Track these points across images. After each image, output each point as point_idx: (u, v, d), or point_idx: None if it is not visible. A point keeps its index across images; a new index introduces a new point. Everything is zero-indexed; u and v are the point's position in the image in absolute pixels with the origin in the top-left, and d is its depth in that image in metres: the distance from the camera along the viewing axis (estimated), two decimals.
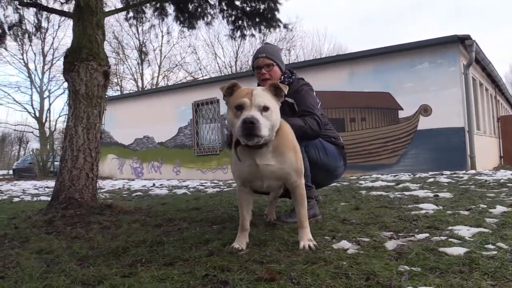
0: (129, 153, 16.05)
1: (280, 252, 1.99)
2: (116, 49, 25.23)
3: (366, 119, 10.77)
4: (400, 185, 5.23)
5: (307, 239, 2.04)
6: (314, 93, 2.94)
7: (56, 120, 29.62)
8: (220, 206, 3.72)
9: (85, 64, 3.36)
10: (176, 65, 27.01)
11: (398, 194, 4.25)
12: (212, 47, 27.80)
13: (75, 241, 2.47)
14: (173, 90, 15.14)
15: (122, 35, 24.41)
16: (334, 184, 6.12)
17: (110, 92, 26.06)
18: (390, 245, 1.99)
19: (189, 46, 29.38)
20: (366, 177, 8.05)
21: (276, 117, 1.94)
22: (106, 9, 3.73)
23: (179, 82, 24.54)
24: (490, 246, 1.88)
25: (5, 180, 15.24)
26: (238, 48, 27.20)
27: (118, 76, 27.79)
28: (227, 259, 1.87)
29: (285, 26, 6.04)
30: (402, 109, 10.28)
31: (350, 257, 1.81)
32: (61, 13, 3.98)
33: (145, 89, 24.83)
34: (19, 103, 28.21)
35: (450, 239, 2.04)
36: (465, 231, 2.18)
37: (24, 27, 5.34)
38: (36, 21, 5.21)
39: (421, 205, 3.25)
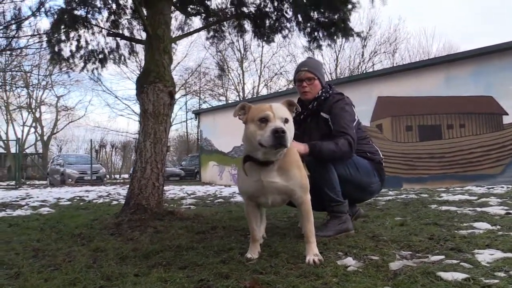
0: (228, 160, 16.93)
1: (286, 264, 2.11)
2: (220, 62, 26.78)
3: (465, 126, 9.98)
4: (481, 200, 4.83)
5: (312, 254, 2.13)
6: (352, 108, 2.96)
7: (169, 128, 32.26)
8: (272, 217, 3.89)
9: (153, 86, 3.81)
10: (276, 74, 27.70)
11: (469, 210, 3.97)
12: (313, 53, 27.88)
13: (128, 243, 2.86)
14: (269, 98, 15.64)
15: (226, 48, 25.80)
16: (407, 196, 5.86)
17: (215, 103, 27.73)
18: (395, 265, 1.97)
19: (287, 55, 29.83)
20: (457, 189, 7.48)
21: (293, 129, 2.08)
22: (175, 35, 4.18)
23: (279, 91, 25.10)
24: (501, 274, 1.77)
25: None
26: (338, 53, 26.91)
27: (223, 87, 29.48)
28: (233, 267, 2.06)
29: (358, 35, 5.97)
30: (507, 114, 9.34)
31: (345, 274, 1.87)
32: (136, 41, 4.54)
33: (246, 98, 25.91)
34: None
35: (462, 263, 1.95)
36: (487, 256, 2.05)
37: (120, 52, 6.18)
38: (130, 47, 6.01)
39: (475, 224, 3.05)
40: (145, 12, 4.09)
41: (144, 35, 4.23)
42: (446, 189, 7.66)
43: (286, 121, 2.03)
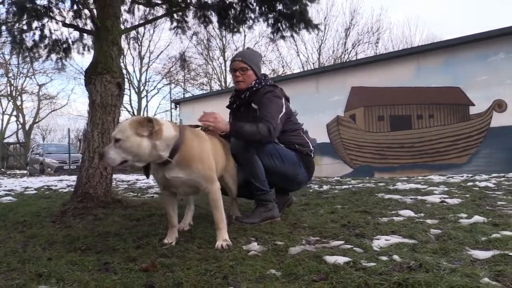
0: None
1: (197, 249, 2.24)
2: (203, 51, 26.69)
3: (434, 116, 10.20)
4: (429, 189, 5.01)
5: (222, 239, 2.26)
6: (282, 100, 3.06)
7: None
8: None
9: (100, 77, 3.88)
10: None
11: (410, 198, 4.14)
12: (295, 43, 27.95)
13: (63, 230, 2.96)
14: None
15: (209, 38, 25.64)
16: (364, 184, 6.03)
17: (198, 92, 27.66)
18: (295, 250, 2.10)
19: (269, 44, 29.79)
20: (419, 178, 7.69)
21: (129, 145, 2.13)
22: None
23: None
24: (383, 258, 1.91)
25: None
26: (321, 44, 26.98)
27: (207, 76, 29.42)
28: (144, 252, 2.19)
29: (316, 27, 6.09)
30: (473, 104, 9.57)
31: (242, 258, 1.99)
32: (88, 32, 4.59)
33: (229, 87, 25.90)
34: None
35: (355, 248, 2.10)
36: (382, 241, 2.20)
37: (84, 42, 6.20)
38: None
39: (401, 212, 3.21)
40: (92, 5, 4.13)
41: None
42: (407, 178, 7.86)
43: (116, 140, 2.15)
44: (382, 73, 11.12)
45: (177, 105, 19.23)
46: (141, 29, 26.95)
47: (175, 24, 6.50)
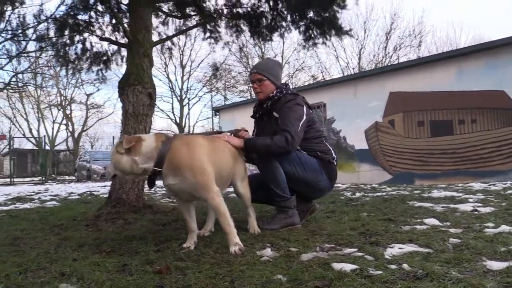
0: None
1: (213, 253, 2.32)
2: (242, 58, 27.04)
3: (477, 121, 9.79)
4: (464, 196, 4.84)
5: (233, 244, 2.32)
6: (303, 108, 3.08)
7: (194, 125, 32.97)
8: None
9: (132, 88, 4.08)
10: (297, 69, 27.72)
11: (441, 206, 4.03)
12: (334, 49, 27.75)
13: (94, 233, 3.14)
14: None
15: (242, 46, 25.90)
16: (399, 192, 5.89)
17: (237, 99, 27.99)
18: (306, 256, 2.13)
19: (309, 50, 29.70)
20: (459, 185, 7.41)
21: (113, 162, 2.41)
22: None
23: (301, 85, 25.06)
24: (392, 266, 1.90)
25: None
26: (361, 48, 26.61)
27: (247, 84, 29.75)
28: (163, 255, 2.29)
29: (347, 33, 6.07)
30: None
31: (254, 263, 2.05)
32: (122, 45, 4.83)
33: None
34: (163, 111, 32.34)
35: (366, 256, 2.10)
36: (396, 250, 2.19)
37: (122, 54, 6.51)
38: None
39: (426, 220, 3.14)
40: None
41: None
42: (447, 185, 7.60)
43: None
44: (421, 77, 10.82)
45: (217, 113, 19.57)
46: (182, 39, 27.76)
47: (208, 34, 6.69)
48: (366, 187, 7.72)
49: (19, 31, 6.03)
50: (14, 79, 16.15)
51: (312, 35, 6.59)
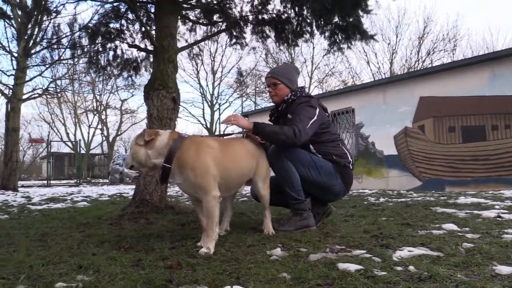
0: None
1: (227, 251, 2.39)
2: (271, 65, 27.16)
3: (511, 126, 9.46)
4: (491, 203, 4.71)
5: (206, 247, 2.37)
6: (315, 109, 3.09)
7: (224, 130, 33.26)
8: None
9: (157, 93, 4.23)
10: (327, 75, 27.59)
11: (464, 213, 3.95)
12: (365, 53, 27.47)
13: (116, 231, 3.27)
14: (323, 98, 15.68)
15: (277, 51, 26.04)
16: (424, 198, 5.77)
17: (267, 104, 28.10)
18: (315, 257, 2.16)
19: (338, 55, 29.51)
20: (490, 192, 7.18)
21: (132, 152, 2.56)
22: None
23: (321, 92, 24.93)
24: (398, 268, 1.92)
25: None
26: (393, 53, 26.20)
27: None
28: (177, 252, 2.38)
29: (372, 37, 6.05)
30: None
31: (262, 262, 2.11)
32: (149, 51, 5.01)
33: None
34: (194, 116, 32.93)
35: (374, 257, 2.11)
36: (405, 252, 2.18)
37: (151, 60, 6.73)
38: None
39: (445, 225, 3.10)
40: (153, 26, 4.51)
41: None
42: (476, 192, 7.38)
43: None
44: (453, 82, 10.57)
45: (247, 118, 19.77)
46: (213, 46, 28.18)
47: (234, 40, 6.82)
48: (393, 193, 7.60)
49: (54, 39, 6.33)
50: (52, 85, 16.87)
51: (337, 40, 6.60)
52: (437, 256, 2.12)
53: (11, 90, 12.13)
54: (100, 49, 6.55)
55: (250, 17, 6.52)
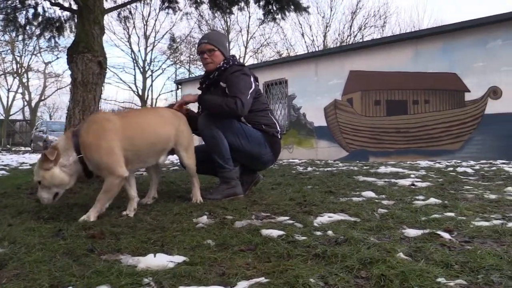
0: None
1: (153, 220, 2.38)
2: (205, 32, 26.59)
3: (430, 102, 10.19)
4: (407, 173, 5.10)
5: (87, 215, 2.39)
6: (250, 78, 3.11)
7: (157, 98, 32.37)
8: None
9: (82, 56, 3.99)
10: (262, 45, 27.64)
11: (383, 181, 4.23)
12: (300, 25, 27.77)
13: (36, 201, 3.11)
14: (257, 68, 15.64)
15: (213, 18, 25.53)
16: (349, 167, 6.12)
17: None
18: (240, 223, 2.23)
19: (274, 26, 29.59)
20: (408, 163, 7.75)
21: (49, 181, 2.38)
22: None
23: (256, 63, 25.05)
24: (317, 233, 2.03)
25: None
26: (327, 26, 26.73)
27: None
28: (101, 222, 2.33)
29: (305, 9, 6.13)
30: (469, 91, 9.54)
31: (188, 229, 2.13)
32: (71, 10, 4.68)
33: None
34: (125, 82, 31.55)
35: (296, 223, 2.22)
36: (325, 218, 2.32)
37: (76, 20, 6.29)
38: None
39: (364, 193, 3.31)
40: None
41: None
42: (396, 162, 7.93)
43: (39, 183, 2.43)
44: (380, 57, 11.09)
45: (180, 86, 19.33)
46: (146, 9, 26.90)
47: (166, 3, 6.56)
48: (321, 163, 7.94)
49: None
50: None
51: (271, 10, 6.60)
52: (354, 221, 2.28)
53: None
54: (19, 5, 6.00)
55: None
